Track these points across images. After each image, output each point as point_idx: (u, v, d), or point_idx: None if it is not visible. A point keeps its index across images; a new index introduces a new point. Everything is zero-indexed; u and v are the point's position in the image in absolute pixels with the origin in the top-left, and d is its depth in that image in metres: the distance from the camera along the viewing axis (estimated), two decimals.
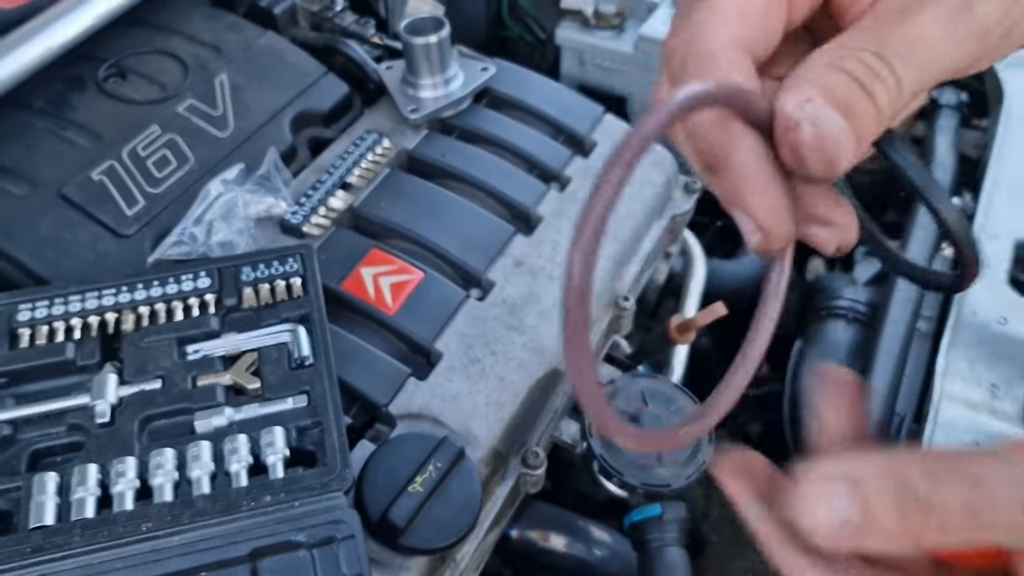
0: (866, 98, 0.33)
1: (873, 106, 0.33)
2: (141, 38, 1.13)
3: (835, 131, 0.33)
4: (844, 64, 0.34)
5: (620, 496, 0.93)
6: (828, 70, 0.34)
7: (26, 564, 0.66)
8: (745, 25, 0.36)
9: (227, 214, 0.95)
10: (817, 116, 0.33)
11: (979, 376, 0.99)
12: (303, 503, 0.70)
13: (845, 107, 0.33)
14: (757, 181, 0.35)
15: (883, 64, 0.33)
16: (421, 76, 1.11)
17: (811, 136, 0.33)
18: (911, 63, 0.34)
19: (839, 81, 0.34)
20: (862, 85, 0.33)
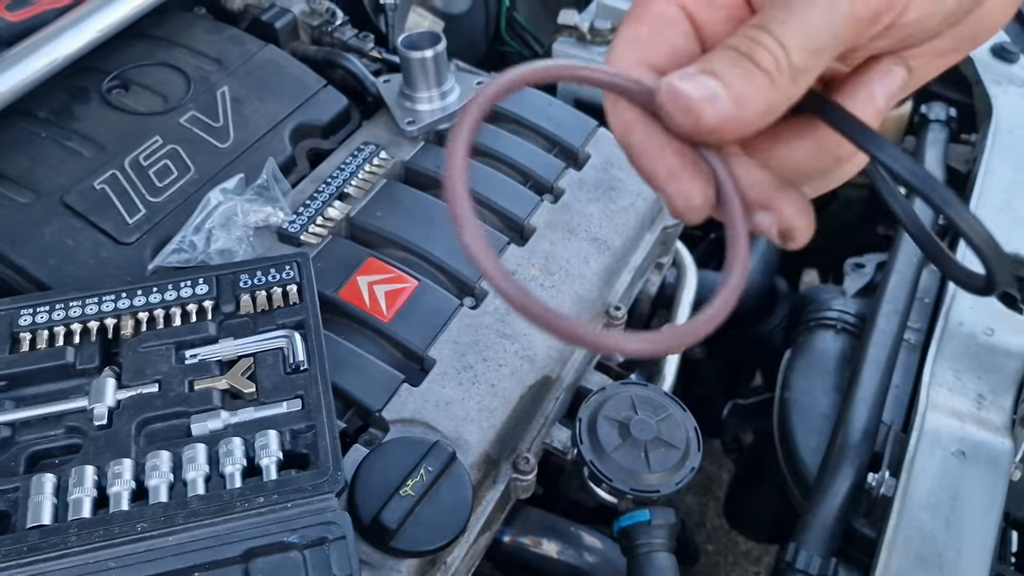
0: (747, 63, 0.37)
1: (759, 69, 0.36)
2: (144, 51, 1.16)
3: (698, 88, 0.37)
4: (730, 42, 0.38)
5: (610, 502, 0.94)
6: (714, 52, 0.38)
7: (23, 563, 0.68)
8: (643, 47, 0.41)
9: (226, 223, 0.97)
10: (680, 78, 0.37)
11: (966, 387, 1.01)
12: (296, 505, 0.72)
13: (720, 73, 0.37)
14: (652, 151, 0.39)
15: (763, 32, 0.37)
16: (418, 89, 1.13)
17: (668, 93, 0.37)
18: (790, 23, 0.36)
19: (719, 56, 0.38)
20: (743, 53, 0.37)
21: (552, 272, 1.03)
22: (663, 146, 0.39)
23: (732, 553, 1.93)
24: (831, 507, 0.97)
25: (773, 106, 0.37)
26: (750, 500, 1.51)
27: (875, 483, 0.97)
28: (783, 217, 0.40)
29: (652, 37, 0.41)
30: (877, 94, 0.41)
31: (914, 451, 0.95)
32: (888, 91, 0.41)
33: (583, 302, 1.03)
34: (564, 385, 1.00)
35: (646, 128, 0.40)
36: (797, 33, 0.36)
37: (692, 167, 0.39)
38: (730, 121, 0.37)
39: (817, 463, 1.05)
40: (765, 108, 0.37)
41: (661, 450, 0.90)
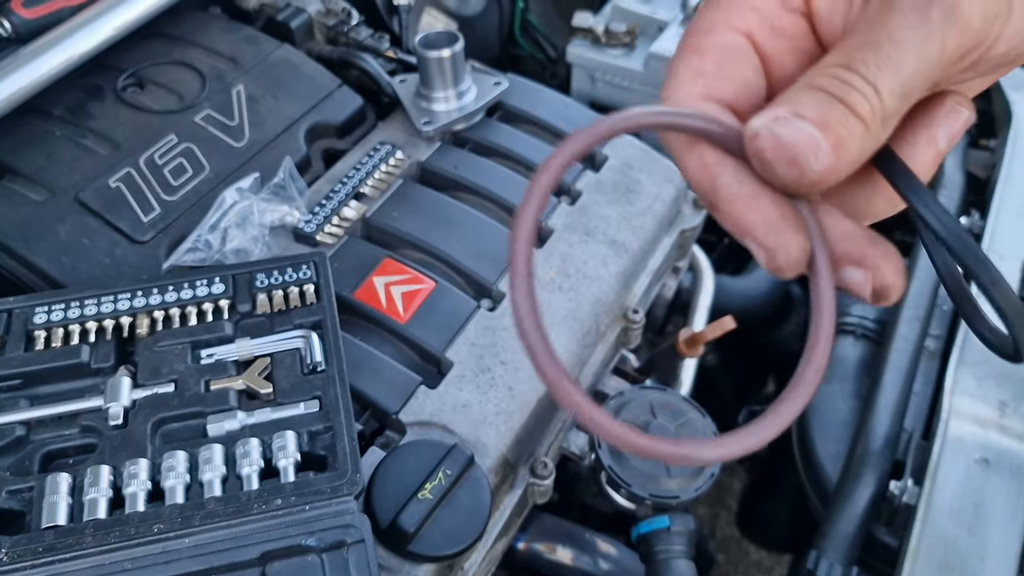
0: (842, 108, 0.34)
1: (853, 115, 0.34)
2: (160, 49, 1.15)
3: (801, 136, 0.34)
4: (816, 82, 0.35)
5: (627, 508, 0.93)
6: (801, 90, 0.35)
7: (38, 563, 0.67)
8: (708, 81, 0.39)
9: (242, 222, 0.96)
10: (779, 124, 0.34)
11: (987, 393, 0.99)
12: (313, 507, 0.71)
13: (818, 118, 0.34)
14: (745, 199, 0.36)
15: (854, 75, 0.34)
16: (435, 89, 1.12)
17: (769, 141, 0.34)
18: (884, 67, 0.34)
19: (810, 97, 0.34)
20: (835, 97, 0.34)
21: (569, 275, 1.02)
22: (758, 195, 0.36)
23: (743, 563, 1.92)
24: (852, 515, 0.96)
25: (864, 154, 0.35)
26: (764, 509, 1.50)
27: (898, 491, 0.96)
28: (879, 275, 0.37)
29: (719, 70, 0.39)
30: (940, 137, 0.38)
31: (937, 459, 0.94)
32: (951, 134, 0.38)
33: (601, 305, 1.02)
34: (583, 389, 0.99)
35: (735, 174, 0.36)
36: (890, 77, 0.34)
37: (792, 218, 0.36)
38: (830, 172, 0.34)
39: (837, 470, 1.04)
40: (858, 156, 0.35)
41: None
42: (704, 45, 0.39)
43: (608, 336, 1.04)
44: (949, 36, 0.33)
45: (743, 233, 0.36)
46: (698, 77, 0.39)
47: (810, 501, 1.10)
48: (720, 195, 0.37)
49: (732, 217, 0.37)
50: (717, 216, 0.37)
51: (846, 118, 0.34)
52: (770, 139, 0.34)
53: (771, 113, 0.35)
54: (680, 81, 0.39)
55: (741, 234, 0.36)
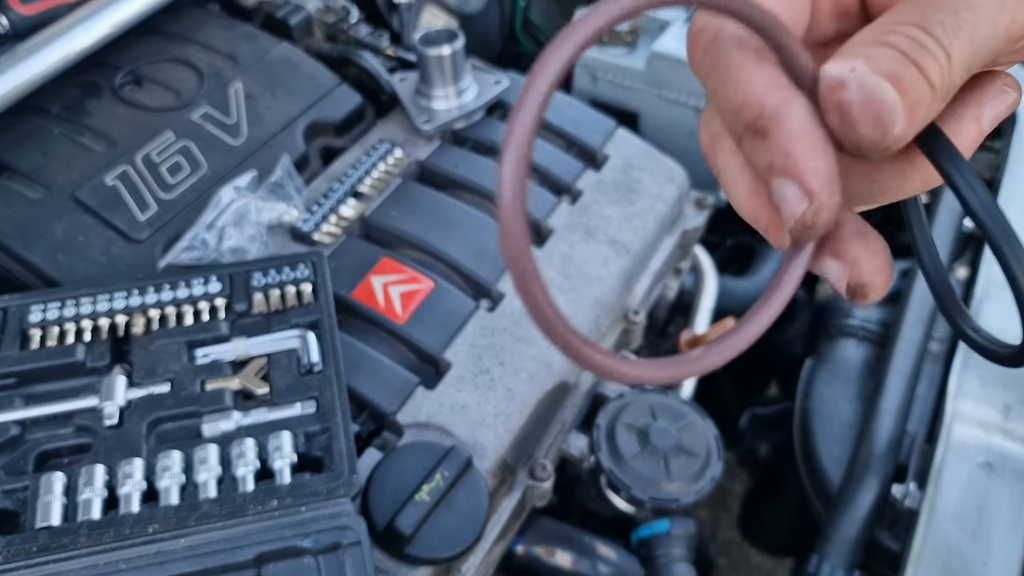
0: (915, 70, 0.31)
1: (924, 79, 0.31)
2: (157, 47, 1.14)
3: (886, 96, 0.30)
4: (888, 39, 0.32)
5: (627, 511, 0.92)
6: (872, 45, 0.32)
7: (32, 563, 0.66)
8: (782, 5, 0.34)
9: (239, 220, 0.95)
10: (864, 78, 0.31)
11: (992, 397, 0.98)
12: (310, 508, 0.70)
13: (894, 77, 0.31)
14: (809, 141, 0.32)
15: (929, 37, 0.31)
16: (434, 87, 1.12)
17: (859, 94, 0.31)
18: (959, 33, 0.31)
19: (885, 54, 0.31)
20: (909, 58, 0.31)
21: (570, 275, 1.01)
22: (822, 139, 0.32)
23: (744, 567, 1.91)
24: (855, 519, 0.95)
25: (924, 124, 0.32)
26: (766, 512, 1.49)
27: (900, 495, 0.95)
28: (857, 272, 0.34)
29: None
30: (985, 116, 0.35)
31: (940, 462, 0.93)
32: (996, 114, 0.35)
33: (601, 306, 1.01)
34: (582, 391, 0.98)
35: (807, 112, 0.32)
36: (963, 44, 0.31)
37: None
38: (903, 139, 0.31)
39: (839, 473, 1.03)
40: (921, 125, 0.32)
41: (681, 458, 0.88)
42: None
43: (609, 337, 1.03)
44: (1020, 9, 0.31)
45: (790, 173, 0.32)
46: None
47: (812, 504, 1.09)
48: (784, 127, 0.32)
49: (788, 153, 0.32)
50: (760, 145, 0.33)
51: (918, 82, 0.31)
52: (859, 92, 0.30)
53: (846, 62, 0.31)
54: None
55: (784, 174, 0.32)
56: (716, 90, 0.33)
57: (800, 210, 0.32)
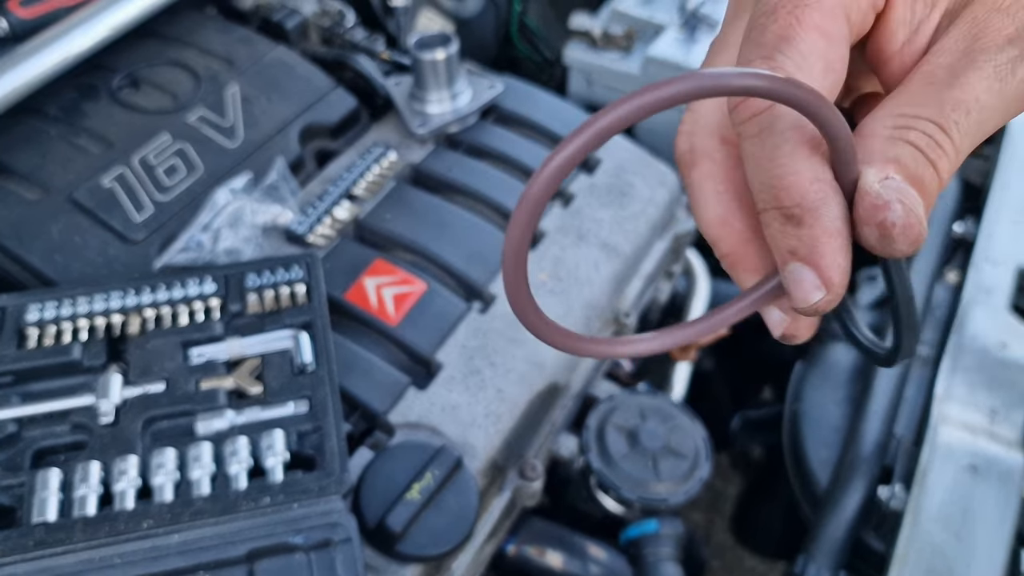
0: (932, 171, 0.33)
1: (938, 179, 0.33)
2: (154, 50, 1.16)
3: (919, 210, 0.32)
4: (909, 136, 0.33)
5: (617, 512, 0.93)
6: (895, 142, 0.33)
7: (27, 558, 0.67)
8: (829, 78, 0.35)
9: (234, 222, 0.96)
10: (903, 195, 0.32)
11: (978, 400, 0.99)
12: (301, 505, 0.71)
13: (918, 183, 0.32)
14: (839, 241, 0.33)
15: (944, 135, 0.33)
16: (429, 91, 1.13)
17: (902, 217, 0.32)
18: (967, 130, 0.33)
19: (908, 154, 0.33)
20: (929, 159, 0.33)
21: (561, 278, 1.02)
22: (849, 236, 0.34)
23: (738, 569, 1.91)
24: (841, 520, 0.96)
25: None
26: (758, 515, 1.50)
27: (886, 496, 0.96)
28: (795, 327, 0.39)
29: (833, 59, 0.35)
30: None
31: (926, 465, 0.94)
32: None
33: (592, 308, 1.02)
34: (572, 393, 1.00)
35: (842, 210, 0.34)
36: (968, 144, 0.33)
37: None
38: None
39: (828, 475, 1.04)
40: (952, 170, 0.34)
41: (670, 459, 0.89)
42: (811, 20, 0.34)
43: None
44: (1015, 106, 0.34)
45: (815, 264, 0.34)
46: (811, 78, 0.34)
47: (801, 506, 1.10)
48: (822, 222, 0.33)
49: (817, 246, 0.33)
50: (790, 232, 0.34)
51: (934, 183, 0.33)
52: (903, 216, 0.32)
53: (880, 171, 0.33)
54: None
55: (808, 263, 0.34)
56: (758, 162, 0.34)
57: (816, 298, 0.34)
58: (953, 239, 1.24)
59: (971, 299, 1.09)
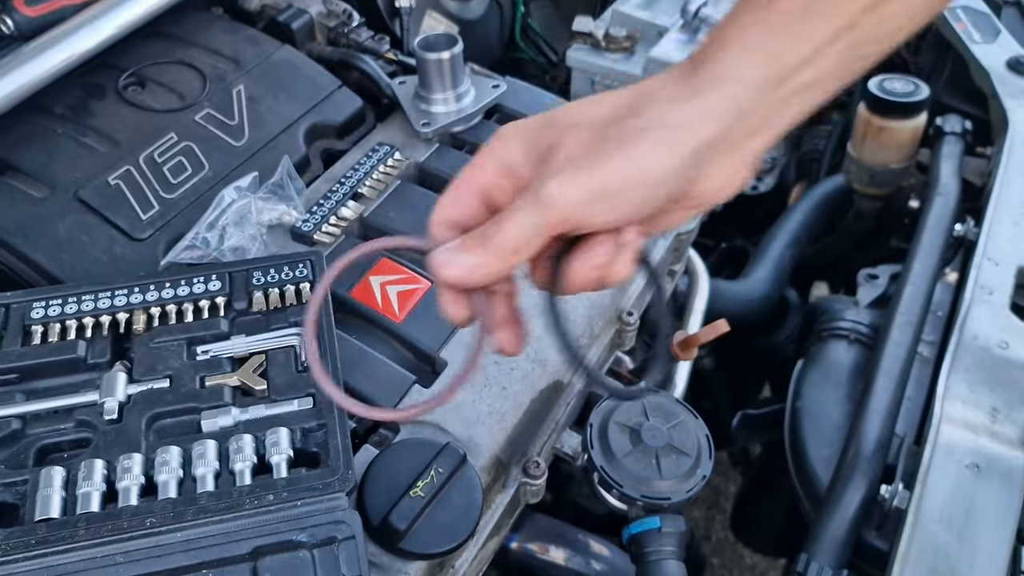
0: (487, 242, 0.53)
1: (487, 249, 0.53)
2: (161, 49, 1.16)
3: (444, 259, 0.55)
4: (484, 227, 0.54)
5: (619, 509, 0.94)
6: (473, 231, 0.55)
7: (30, 555, 0.67)
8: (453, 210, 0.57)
9: (240, 220, 0.97)
10: (435, 251, 0.55)
11: (980, 399, 1.00)
12: (305, 503, 0.71)
13: (467, 247, 0.54)
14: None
15: (495, 224, 0.53)
16: (433, 91, 1.13)
17: (429, 259, 0.55)
18: (512, 222, 0.53)
19: (472, 234, 0.55)
20: (486, 235, 0.54)
21: None
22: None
23: (738, 567, 1.92)
24: (843, 519, 0.96)
25: (494, 274, 0.54)
26: (758, 512, 1.50)
27: (888, 495, 0.96)
28: (502, 348, 0.61)
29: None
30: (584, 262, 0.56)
31: (928, 464, 0.94)
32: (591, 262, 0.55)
33: (595, 307, 1.03)
34: (575, 390, 1.00)
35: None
36: (514, 229, 0.53)
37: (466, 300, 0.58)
38: (461, 281, 0.55)
39: (828, 474, 1.04)
40: (487, 276, 0.54)
41: (672, 457, 0.89)
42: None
43: (602, 338, 1.05)
44: (542, 215, 0.52)
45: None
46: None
47: (802, 505, 1.11)
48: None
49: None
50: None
51: (483, 249, 0.54)
52: (429, 259, 0.56)
53: (447, 244, 0.55)
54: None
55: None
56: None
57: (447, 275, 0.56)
58: (954, 239, 1.24)
59: (972, 298, 1.09)
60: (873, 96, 1.47)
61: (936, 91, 1.54)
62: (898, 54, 1.75)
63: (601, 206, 0.52)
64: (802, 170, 1.89)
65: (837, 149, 1.80)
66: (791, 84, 0.52)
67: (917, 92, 1.45)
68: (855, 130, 1.54)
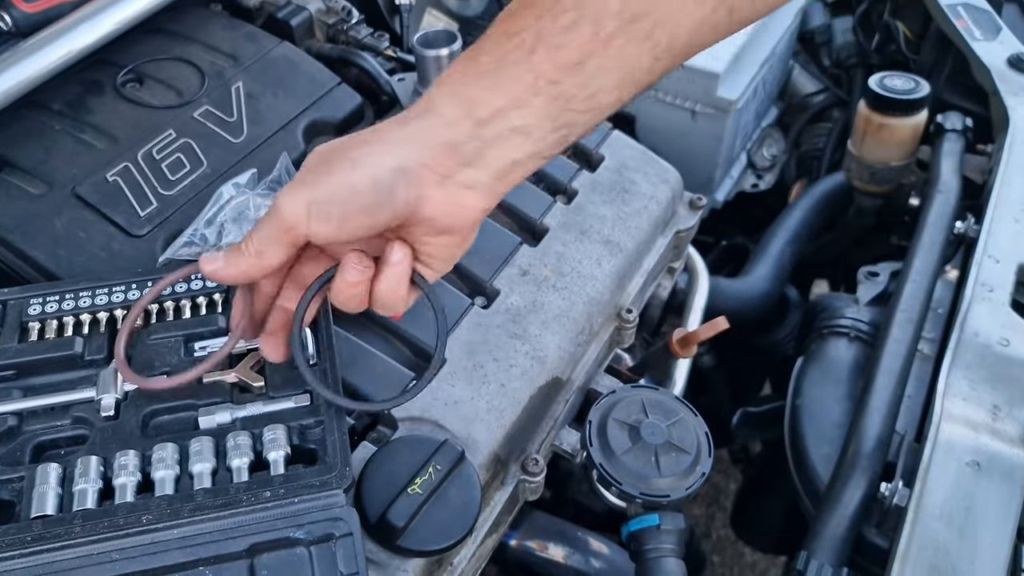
0: (240, 246, 0.67)
1: (240, 252, 0.67)
2: (160, 45, 1.16)
3: (207, 261, 0.68)
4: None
5: (618, 506, 0.93)
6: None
7: (26, 552, 0.67)
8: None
9: (238, 217, 0.96)
10: (204, 255, 0.69)
11: (980, 397, 0.99)
12: (302, 500, 0.71)
13: (226, 253, 0.68)
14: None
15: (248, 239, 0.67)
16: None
17: (202, 259, 0.69)
18: (256, 230, 0.66)
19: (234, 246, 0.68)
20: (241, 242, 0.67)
21: (564, 273, 1.02)
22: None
23: (738, 564, 1.92)
24: (843, 516, 0.96)
25: (243, 271, 0.67)
26: (758, 510, 1.50)
27: (888, 493, 0.96)
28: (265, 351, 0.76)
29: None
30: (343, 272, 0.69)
31: (928, 461, 0.94)
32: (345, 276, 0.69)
33: (594, 304, 1.03)
34: (574, 387, 1.00)
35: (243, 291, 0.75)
36: (256, 235, 0.65)
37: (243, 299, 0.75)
38: (214, 273, 0.68)
39: (829, 471, 1.04)
40: (240, 273, 0.67)
41: (672, 454, 0.88)
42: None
43: (602, 335, 1.05)
44: (274, 224, 0.64)
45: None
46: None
47: (802, 502, 1.11)
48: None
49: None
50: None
51: (237, 251, 0.67)
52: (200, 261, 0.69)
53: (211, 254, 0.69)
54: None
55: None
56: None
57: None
58: (955, 236, 1.24)
59: (973, 296, 1.09)
60: (873, 93, 1.46)
61: (937, 88, 1.54)
62: (899, 51, 1.75)
63: (317, 216, 0.61)
64: (802, 168, 1.89)
65: (837, 147, 1.80)
66: (497, 125, 0.60)
67: (918, 89, 1.45)
68: (855, 127, 1.54)
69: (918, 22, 1.74)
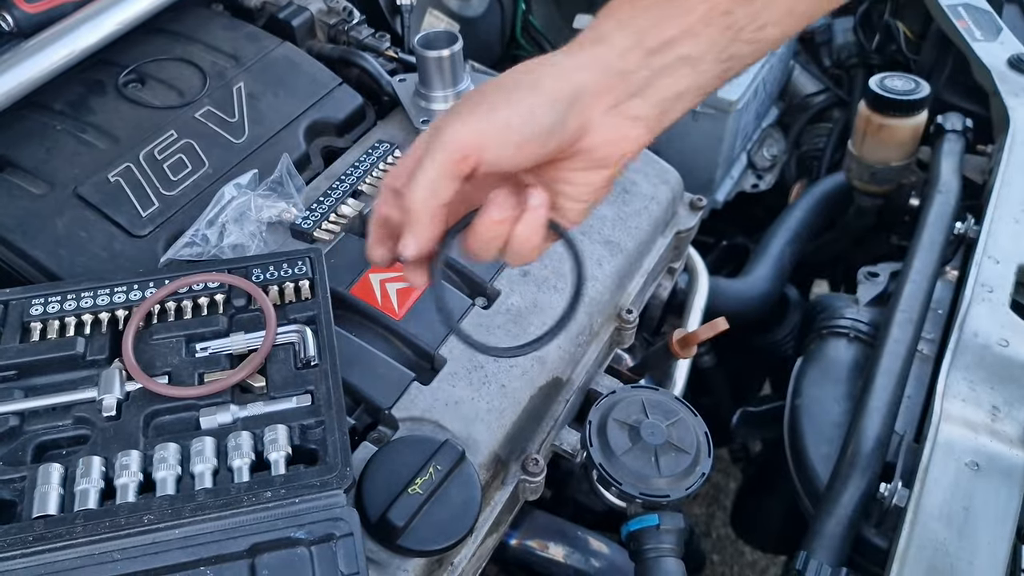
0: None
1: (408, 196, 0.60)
2: (161, 46, 1.16)
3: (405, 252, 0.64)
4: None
5: (618, 506, 0.93)
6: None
7: (28, 552, 0.67)
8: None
9: (239, 217, 0.97)
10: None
11: (980, 398, 1.00)
12: (303, 500, 0.71)
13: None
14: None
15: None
16: (433, 88, 1.13)
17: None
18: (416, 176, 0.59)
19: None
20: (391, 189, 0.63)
21: (564, 274, 1.03)
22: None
23: (738, 563, 1.92)
24: (842, 516, 0.96)
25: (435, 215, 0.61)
26: (758, 510, 1.50)
27: (887, 493, 0.96)
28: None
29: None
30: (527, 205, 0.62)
31: (927, 461, 0.94)
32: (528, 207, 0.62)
33: (595, 304, 1.03)
34: (574, 387, 1.00)
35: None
36: (421, 175, 0.59)
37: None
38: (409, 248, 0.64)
39: (828, 471, 1.04)
40: (430, 223, 0.61)
41: (671, 454, 0.89)
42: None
43: (602, 335, 1.05)
44: (444, 153, 0.58)
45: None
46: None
47: (801, 502, 1.11)
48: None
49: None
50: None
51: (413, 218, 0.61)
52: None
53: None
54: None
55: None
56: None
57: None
58: (955, 236, 1.24)
59: (973, 296, 1.09)
60: (874, 94, 1.46)
61: (937, 89, 1.54)
62: (899, 51, 1.75)
63: (492, 140, 0.58)
64: (802, 168, 1.89)
65: (838, 147, 1.80)
66: (666, 55, 0.59)
67: (918, 90, 1.45)
68: (855, 128, 1.54)
69: (918, 22, 1.74)
